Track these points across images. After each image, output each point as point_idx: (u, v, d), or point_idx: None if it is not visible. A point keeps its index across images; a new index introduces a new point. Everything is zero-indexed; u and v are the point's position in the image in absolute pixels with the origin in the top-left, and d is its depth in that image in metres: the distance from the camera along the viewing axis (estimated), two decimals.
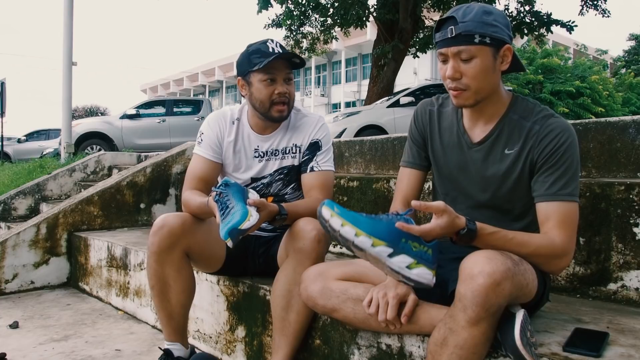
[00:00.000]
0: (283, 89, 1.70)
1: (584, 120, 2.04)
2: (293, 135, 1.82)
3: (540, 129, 1.28)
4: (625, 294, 1.63)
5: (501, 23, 1.25)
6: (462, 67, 1.25)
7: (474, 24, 1.21)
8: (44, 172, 5.22)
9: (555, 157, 1.25)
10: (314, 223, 1.55)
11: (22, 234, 3.04)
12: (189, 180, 1.80)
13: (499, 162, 1.34)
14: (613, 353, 1.16)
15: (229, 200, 1.46)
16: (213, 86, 41.93)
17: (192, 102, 11.05)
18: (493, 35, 1.23)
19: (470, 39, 1.22)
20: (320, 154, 1.80)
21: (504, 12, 1.30)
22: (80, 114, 27.32)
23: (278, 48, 1.69)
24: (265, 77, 1.69)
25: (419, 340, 1.33)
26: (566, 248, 1.23)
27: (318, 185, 1.76)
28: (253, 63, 1.68)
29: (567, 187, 1.24)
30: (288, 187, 1.85)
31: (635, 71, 22.25)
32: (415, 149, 1.51)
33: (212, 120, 1.85)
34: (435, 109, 1.48)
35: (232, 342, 1.95)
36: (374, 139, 3.03)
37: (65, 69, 6.33)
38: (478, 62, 1.23)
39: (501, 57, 1.27)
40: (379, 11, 9.67)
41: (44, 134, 15.30)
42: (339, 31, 11.61)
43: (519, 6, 10.45)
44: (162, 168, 3.67)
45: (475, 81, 1.25)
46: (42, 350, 2.07)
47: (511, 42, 1.28)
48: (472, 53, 1.23)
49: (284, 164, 1.83)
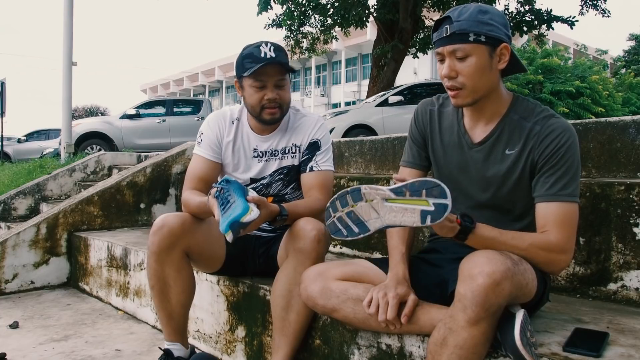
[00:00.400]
0: (272, 95, 1.68)
1: (584, 120, 2.04)
2: (292, 135, 1.82)
3: (541, 130, 1.28)
4: (625, 294, 1.63)
5: (497, 22, 1.25)
6: (458, 65, 1.25)
7: (468, 23, 1.22)
8: (44, 172, 5.22)
9: (556, 157, 1.25)
10: (313, 223, 1.55)
11: (22, 234, 3.04)
12: (188, 180, 1.80)
13: (499, 162, 1.34)
14: (613, 353, 1.16)
15: (230, 196, 1.45)
16: (213, 86, 41.93)
17: (192, 102, 11.05)
18: (488, 34, 1.23)
19: (465, 38, 1.23)
20: (319, 153, 1.80)
21: (503, 12, 1.30)
22: (80, 114, 27.34)
23: (271, 52, 1.65)
24: (255, 83, 1.68)
25: (419, 340, 1.33)
26: (563, 246, 1.22)
27: (318, 185, 1.76)
28: (245, 68, 1.67)
29: (567, 187, 1.24)
30: (288, 187, 1.85)
31: (635, 71, 22.24)
32: (415, 149, 1.51)
33: (211, 120, 1.85)
34: (436, 109, 1.48)
35: (232, 342, 1.95)
36: (374, 139, 3.03)
37: (65, 69, 6.33)
38: (473, 61, 1.24)
39: (498, 55, 1.27)
40: (379, 11, 9.68)
41: (44, 134, 15.30)
42: (339, 31, 11.60)
43: (519, 6, 10.45)
44: (162, 168, 3.67)
45: (471, 80, 1.26)
46: (42, 350, 2.07)
47: (509, 41, 1.28)
48: (467, 51, 1.23)
49: (284, 164, 1.82)
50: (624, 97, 19.00)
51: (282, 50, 1.70)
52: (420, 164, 1.50)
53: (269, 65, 1.64)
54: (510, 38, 1.29)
